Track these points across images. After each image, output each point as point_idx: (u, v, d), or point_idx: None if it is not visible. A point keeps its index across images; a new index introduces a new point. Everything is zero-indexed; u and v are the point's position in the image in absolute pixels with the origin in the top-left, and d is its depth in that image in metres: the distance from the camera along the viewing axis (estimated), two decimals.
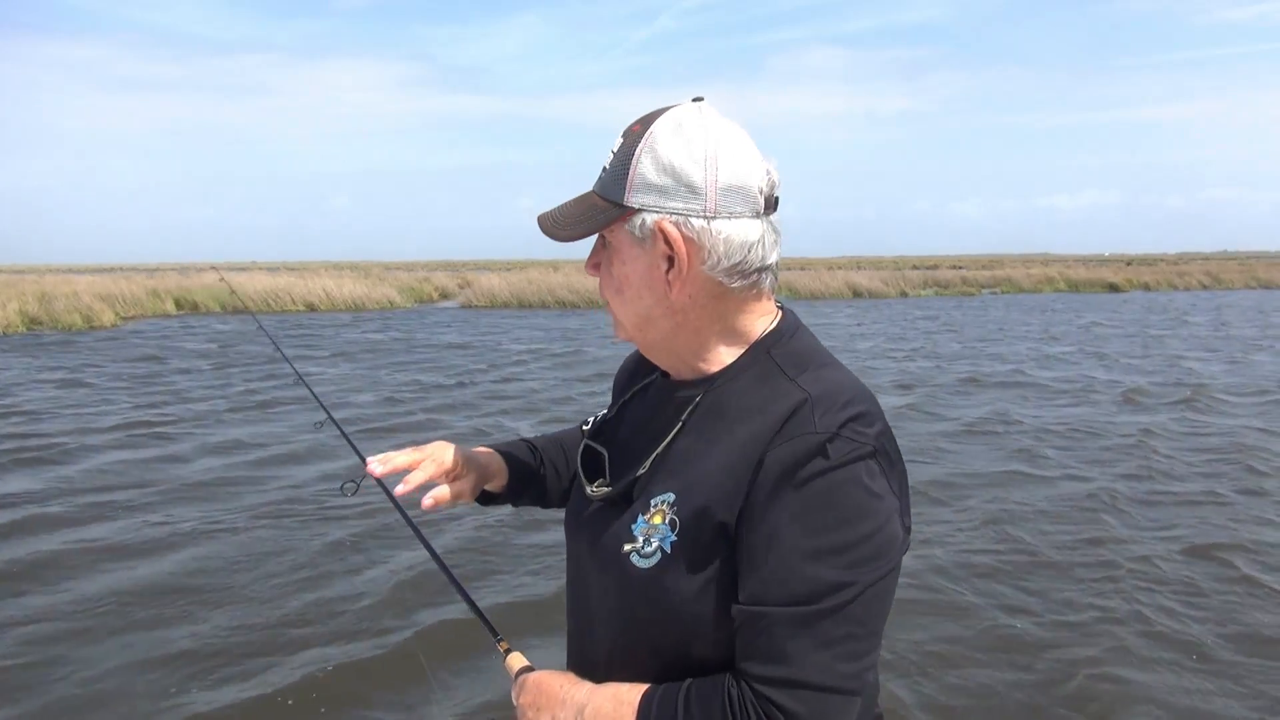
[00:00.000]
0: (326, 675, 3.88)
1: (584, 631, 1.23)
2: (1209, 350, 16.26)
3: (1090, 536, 5.65)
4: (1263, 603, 4.64)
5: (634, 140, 1.11)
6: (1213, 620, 4.42)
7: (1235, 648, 4.12)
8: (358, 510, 6.07)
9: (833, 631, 0.99)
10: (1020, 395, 11.26)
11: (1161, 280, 44.86)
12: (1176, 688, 3.77)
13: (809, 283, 36.39)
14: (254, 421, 9.60)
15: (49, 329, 21.01)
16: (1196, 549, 5.41)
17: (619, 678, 1.12)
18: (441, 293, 37.77)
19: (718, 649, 1.06)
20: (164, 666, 3.95)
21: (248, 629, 4.34)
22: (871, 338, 19.26)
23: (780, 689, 0.98)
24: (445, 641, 4.17)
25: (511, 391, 11.82)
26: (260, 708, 3.61)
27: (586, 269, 1.19)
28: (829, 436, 1.02)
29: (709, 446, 1.11)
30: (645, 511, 1.12)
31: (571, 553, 1.28)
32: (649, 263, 1.11)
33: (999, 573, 5.06)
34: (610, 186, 1.11)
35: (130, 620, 4.44)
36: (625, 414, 1.32)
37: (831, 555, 1.00)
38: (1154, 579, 4.94)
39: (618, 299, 1.16)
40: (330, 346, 17.67)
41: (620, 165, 1.11)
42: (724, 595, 1.05)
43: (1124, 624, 4.35)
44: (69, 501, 6.45)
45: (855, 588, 1.00)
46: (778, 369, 1.13)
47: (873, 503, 1.02)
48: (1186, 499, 6.53)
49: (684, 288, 1.11)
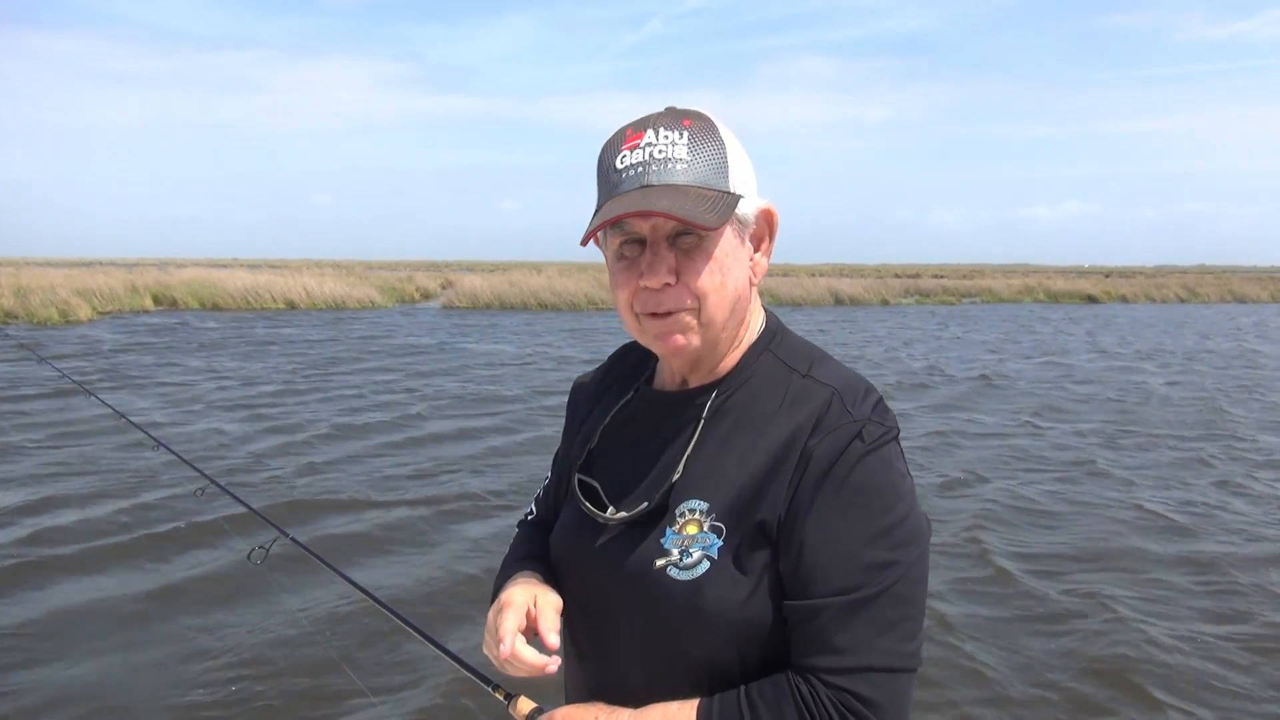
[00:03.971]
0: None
1: (605, 665, 1.17)
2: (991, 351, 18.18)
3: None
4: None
5: (706, 132, 1.11)
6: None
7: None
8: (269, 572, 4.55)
9: (889, 614, 1.01)
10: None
11: (1139, 293, 45.32)
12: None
13: (791, 289, 36.55)
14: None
15: (24, 323, 20.79)
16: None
17: (662, 700, 1.07)
18: (424, 293, 37.60)
19: (766, 651, 1.05)
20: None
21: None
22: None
23: (853, 677, 0.99)
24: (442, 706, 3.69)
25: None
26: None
27: (659, 279, 1.09)
28: (865, 423, 1.06)
29: (737, 449, 1.10)
30: (674, 524, 1.10)
31: (582, 587, 1.20)
32: (743, 250, 1.14)
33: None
34: (712, 177, 1.09)
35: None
36: (611, 437, 1.27)
37: (879, 539, 1.03)
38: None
39: (718, 293, 1.11)
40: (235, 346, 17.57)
41: (712, 156, 1.10)
42: (773, 595, 1.05)
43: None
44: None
45: (901, 567, 1.03)
46: (785, 366, 1.15)
47: (903, 483, 1.07)
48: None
49: (760, 274, 1.17)
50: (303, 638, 4.31)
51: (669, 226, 1.08)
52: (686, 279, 1.09)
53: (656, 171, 1.08)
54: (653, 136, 1.09)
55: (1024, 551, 5.70)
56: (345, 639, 4.30)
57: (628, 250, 1.12)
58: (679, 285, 1.09)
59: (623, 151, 1.10)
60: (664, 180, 1.07)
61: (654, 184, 1.07)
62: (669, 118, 1.11)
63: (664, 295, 1.10)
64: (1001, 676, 4.00)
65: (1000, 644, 4.34)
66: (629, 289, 1.12)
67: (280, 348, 17.07)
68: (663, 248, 1.09)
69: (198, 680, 3.92)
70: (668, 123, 1.10)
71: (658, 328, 1.12)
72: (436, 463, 7.89)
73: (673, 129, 1.10)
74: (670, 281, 1.09)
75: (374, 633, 4.33)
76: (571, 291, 31.08)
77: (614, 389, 1.32)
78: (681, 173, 1.08)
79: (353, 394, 11.74)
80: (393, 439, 8.87)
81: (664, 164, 1.08)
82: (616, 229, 1.11)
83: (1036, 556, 5.60)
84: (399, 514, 6.33)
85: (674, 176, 1.07)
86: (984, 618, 4.65)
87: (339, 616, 4.53)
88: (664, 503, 1.12)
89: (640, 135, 1.10)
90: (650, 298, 1.11)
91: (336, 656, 4.05)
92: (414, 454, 8.25)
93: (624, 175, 1.09)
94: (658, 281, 1.09)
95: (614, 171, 1.10)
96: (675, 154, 1.08)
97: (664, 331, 1.12)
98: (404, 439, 8.90)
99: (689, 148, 1.09)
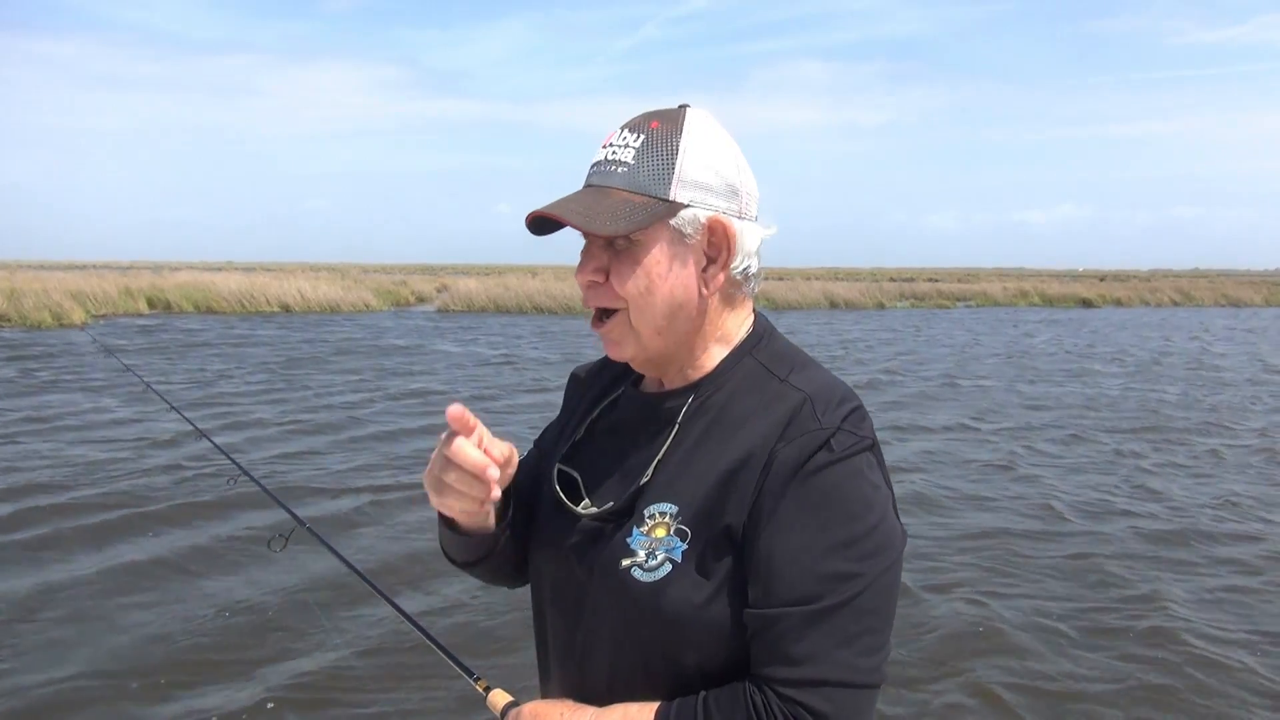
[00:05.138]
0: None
1: (575, 660, 1.17)
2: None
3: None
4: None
5: (665, 137, 1.09)
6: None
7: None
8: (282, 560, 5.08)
9: (849, 627, 0.99)
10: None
11: (1133, 296, 45.46)
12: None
13: (786, 293, 36.57)
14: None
15: (17, 326, 20.70)
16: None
17: (625, 701, 1.08)
18: (418, 296, 37.59)
19: (728, 658, 1.05)
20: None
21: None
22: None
23: (806, 690, 0.97)
24: (420, 691, 3.82)
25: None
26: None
27: (586, 276, 1.12)
28: (833, 432, 1.04)
29: (708, 453, 1.09)
30: (641, 525, 1.09)
31: (552, 579, 1.21)
32: (687, 260, 1.11)
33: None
34: (649, 183, 1.08)
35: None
36: (595, 431, 1.27)
37: (841, 549, 1.01)
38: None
39: (643, 300, 1.10)
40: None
41: (659, 161, 1.08)
42: (734, 601, 1.04)
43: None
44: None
45: (865, 579, 1.00)
46: (765, 370, 1.14)
47: (875, 494, 1.05)
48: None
49: (714, 287, 1.13)
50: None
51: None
52: (614, 280, 1.11)
53: (601, 174, 1.11)
54: (616, 138, 1.12)
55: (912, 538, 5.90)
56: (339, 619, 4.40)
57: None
58: (607, 284, 1.12)
59: (598, 150, 1.14)
60: (603, 183, 1.10)
61: (595, 185, 1.11)
62: (643, 119, 1.12)
63: (592, 292, 1.13)
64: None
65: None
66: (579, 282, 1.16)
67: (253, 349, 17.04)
68: (595, 246, 1.12)
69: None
70: (636, 124, 1.12)
71: (600, 332, 1.16)
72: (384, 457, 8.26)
73: (637, 130, 1.11)
74: (598, 280, 1.12)
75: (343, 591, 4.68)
76: (567, 295, 31.07)
77: (605, 384, 1.31)
78: (620, 176, 1.10)
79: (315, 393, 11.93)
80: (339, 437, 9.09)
81: (610, 166, 1.11)
82: None
83: (915, 540, 5.76)
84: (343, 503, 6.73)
85: (611, 179, 1.10)
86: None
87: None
88: (631, 504, 1.11)
89: (613, 136, 1.14)
90: (585, 291, 1.14)
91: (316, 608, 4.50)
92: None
93: (588, 173, 1.14)
94: (583, 278, 1.13)
95: (589, 168, 1.15)
96: (622, 157, 1.10)
97: (604, 335, 1.15)
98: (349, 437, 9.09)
99: (637, 151, 1.10)
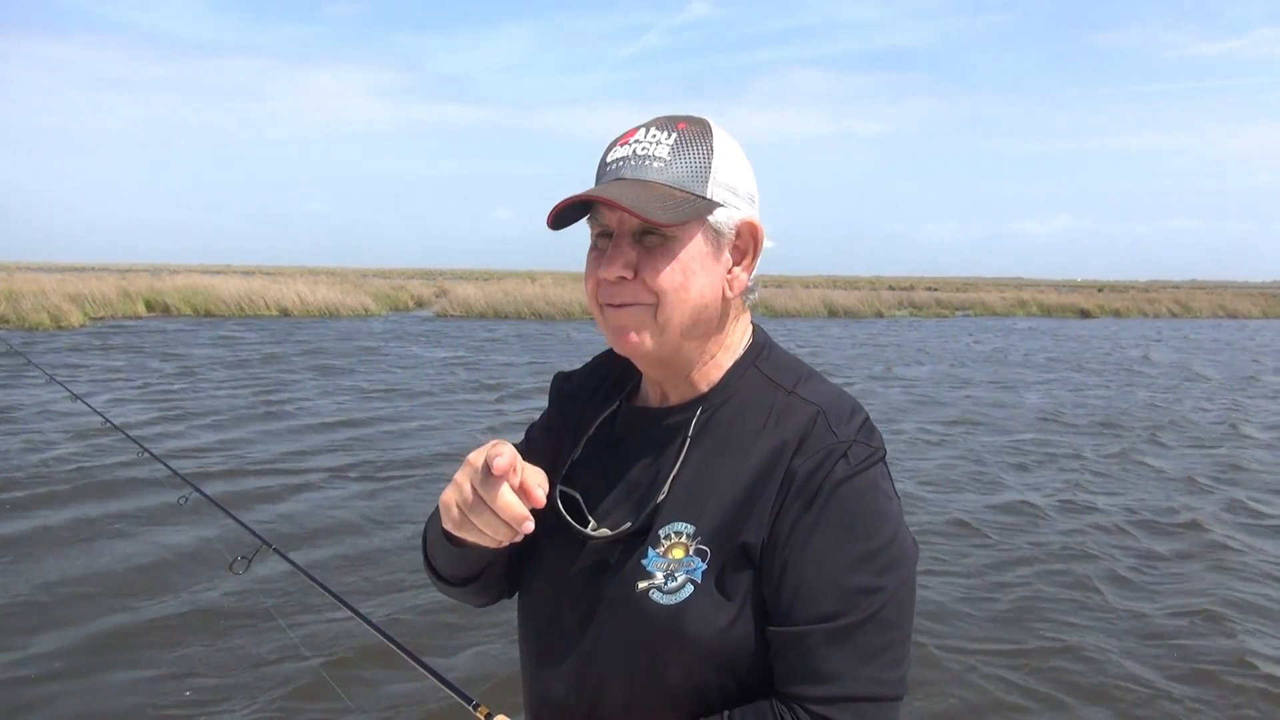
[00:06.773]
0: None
1: (585, 689, 1.11)
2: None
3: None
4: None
5: (697, 138, 1.10)
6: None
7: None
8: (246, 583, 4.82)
9: (874, 641, 0.99)
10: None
11: (1131, 307, 45.48)
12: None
13: (785, 301, 36.58)
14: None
15: (15, 328, 20.67)
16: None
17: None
18: (417, 301, 37.54)
19: (749, 675, 1.04)
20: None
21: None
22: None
23: (836, 707, 0.98)
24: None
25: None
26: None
27: (615, 271, 1.09)
28: (849, 444, 1.04)
29: (722, 469, 1.08)
30: (657, 545, 1.07)
31: (558, 606, 1.15)
32: (718, 259, 1.11)
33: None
34: (687, 179, 1.09)
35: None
36: (594, 448, 1.24)
37: (862, 564, 1.01)
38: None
39: (676, 295, 1.08)
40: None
41: (696, 159, 1.09)
42: (755, 619, 1.03)
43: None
44: None
45: (886, 593, 1.01)
46: (770, 382, 1.13)
47: (890, 506, 1.05)
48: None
49: (737, 288, 1.14)
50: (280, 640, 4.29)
51: (633, 222, 1.08)
52: (645, 275, 1.08)
53: (633, 167, 1.09)
54: (643, 135, 1.11)
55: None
56: (320, 650, 4.27)
57: (601, 242, 1.12)
58: (636, 281, 1.09)
59: (616, 148, 1.12)
60: (637, 175, 1.08)
61: (627, 178, 1.09)
62: (667, 119, 1.12)
63: (620, 288, 1.10)
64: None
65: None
66: (594, 279, 1.12)
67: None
68: (625, 242, 1.09)
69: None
70: (662, 123, 1.12)
71: (615, 320, 1.11)
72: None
73: (664, 129, 1.11)
74: (626, 276, 1.09)
75: (344, 639, 4.33)
76: (566, 301, 31.06)
77: (598, 397, 1.28)
78: (657, 171, 1.08)
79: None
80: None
81: (642, 160, 1.09)
82: (593, 220, 1.12)
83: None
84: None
85: (648, 173, 1.08)
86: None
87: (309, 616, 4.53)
88: (648, 523, 1.09)
89: (634, 134, 1.12)
90: (608, 289, 1.11)
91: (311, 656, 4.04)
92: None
93: (608, 169, 1.12)
94: (611, 273, 1.09)
95: (603, 165, 1.13)
96: (656, 152, 1.09)
97: (620, 325, 1.11)
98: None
99: (672, 148, 1.09)
